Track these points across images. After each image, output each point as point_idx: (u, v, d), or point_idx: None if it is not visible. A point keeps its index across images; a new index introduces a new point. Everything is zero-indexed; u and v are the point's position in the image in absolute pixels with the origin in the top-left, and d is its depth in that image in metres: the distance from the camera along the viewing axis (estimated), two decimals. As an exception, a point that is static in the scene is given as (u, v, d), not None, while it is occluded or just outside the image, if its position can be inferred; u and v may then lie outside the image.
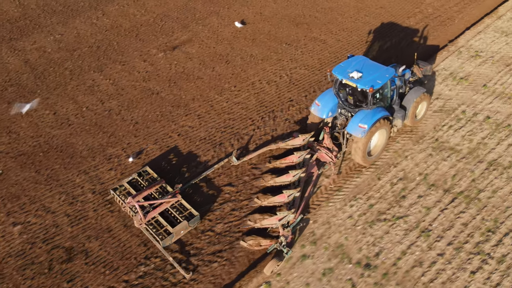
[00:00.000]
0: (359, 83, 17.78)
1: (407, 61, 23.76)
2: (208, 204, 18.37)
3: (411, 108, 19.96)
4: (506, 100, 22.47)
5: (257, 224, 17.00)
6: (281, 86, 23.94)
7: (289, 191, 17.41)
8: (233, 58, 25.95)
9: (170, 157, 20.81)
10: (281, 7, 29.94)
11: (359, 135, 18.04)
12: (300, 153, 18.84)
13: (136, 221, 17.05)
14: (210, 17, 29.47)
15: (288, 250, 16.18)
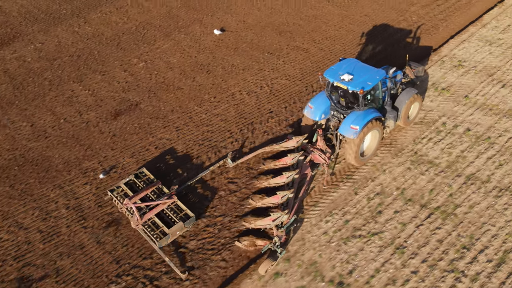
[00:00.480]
0: (350, 85, 18.23)
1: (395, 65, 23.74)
2: (204, 205, 18.95)
3: (403, 109, 20.33)
4: (487, 111, 22.46)
5: (252, 225, 17.46)
6: (261, 97, 23.92)
7: (283, 192, 18.01)
8: (214, 68, 25.91)
9: (166, 158, 21.20)
10: (265, 15, 29.91)
11: (351, 136, 18.51)
12: (293, 155, 19.37)
13: (133, 222, 17.48)
14: (193, 25, 29.44)
15: (282, 250, 16.63)
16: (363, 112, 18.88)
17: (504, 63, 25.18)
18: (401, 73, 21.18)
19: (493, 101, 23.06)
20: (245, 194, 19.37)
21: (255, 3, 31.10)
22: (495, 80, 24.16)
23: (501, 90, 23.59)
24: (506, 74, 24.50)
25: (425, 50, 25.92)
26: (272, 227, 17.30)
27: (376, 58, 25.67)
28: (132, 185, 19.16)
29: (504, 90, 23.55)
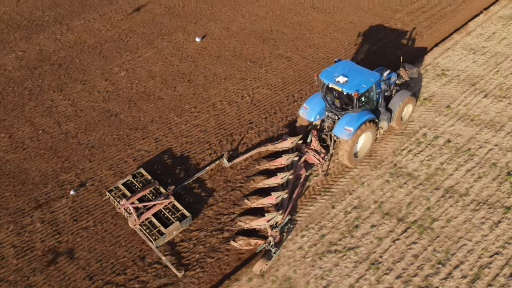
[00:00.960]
0: (344, 87, 18.75)
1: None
2: (200, 204, 19.49)
3: (397, 110, 20.89)
4: (468, 122, 22.52)
5: (247, 225, 18.05)
6: (242, 107, 23.95)
7: (277, 193, 18.53)
8: (195, 77, 25.94)
9: (164, 158, 21.69)
10: (249, 22, 29.93)
11: (345, 138, 19.07)
12: (288, 156, 19.83)
13: (131, 222, 18.10)
14: (176, 32, 29.45)
15: (276, 250, 17.19)
16: (357, 114, 19.37)
17: (487, 72, 25.23)
18: (395, 75, 21.72)
19: (475, 111, 23.10)
20: (241, 194, 20.08)
21: (239, 10, 31.08)
22: (478, 90, 24.20)
23: (483, 100, 23.62)
24: (489, 83, 24.53)
25: (409, 59, 25.94)
26: (266, 227, 17.82)
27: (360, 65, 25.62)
28: (130, 185, 19.71)
29: (486, 100, 23.59)
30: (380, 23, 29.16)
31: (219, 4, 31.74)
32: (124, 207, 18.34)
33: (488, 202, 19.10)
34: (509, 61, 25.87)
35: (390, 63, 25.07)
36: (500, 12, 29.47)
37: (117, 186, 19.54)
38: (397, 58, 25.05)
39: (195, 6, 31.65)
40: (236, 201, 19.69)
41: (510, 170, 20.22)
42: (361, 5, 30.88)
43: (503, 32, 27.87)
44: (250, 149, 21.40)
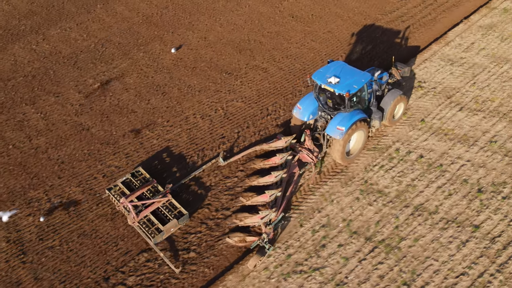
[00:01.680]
0: (336, 88, 19.56)
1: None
2: (197, 202, 20.43)
3: (389, 109, 21.72)
4: (442, 137, 22.61)
5: (241, 222, 18.92)
6: (215, 121, 24.02)
7: (271, 191, 19.33)
8: (170, 89, 25.99)
9: (163, 156, 22.38)
10: (226, 31, 29.96)
11: (337, 137, 19.92)
12: (282, 155, 20.65)
13: (130, 219, 18.92)
14: (153, 42, 29.47)
15: (270, 246, 18.10)
16: (349, 114, 20.15)
17: (464, 84, 25.33)
18: (386, 75, 22.44)
19: (449, 125, 23.21)
20: (236, 192, 21.00)
21: (218, 18, 31.11)
22: (453, 103, 24.30)
23: (458, 113, 23.73)
24: (464, 96, 24.63)
25: (386, 69, 26.04)
26: (260, 224, 18.60)
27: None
28: (129, 183, 20.50)
29: (461, 113, 23.69)
30: (359, 33, 29.21)
31: (197, 12, 31.75)
32: (123, 205, 19.05)
33: (457, 221, 19.22)
34: (486, 72, 25.93)
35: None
36: (480, 21, 29.54)
37: (116, 185, 20.31)
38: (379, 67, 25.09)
39: (173, 15, 31.65)
40: (231, 199, 20.62)
41: (481, 187, 20.30)
42: (341, 14, 30.92)
43: (482, 42, 27.94)
44: (246, 148, 22.23)
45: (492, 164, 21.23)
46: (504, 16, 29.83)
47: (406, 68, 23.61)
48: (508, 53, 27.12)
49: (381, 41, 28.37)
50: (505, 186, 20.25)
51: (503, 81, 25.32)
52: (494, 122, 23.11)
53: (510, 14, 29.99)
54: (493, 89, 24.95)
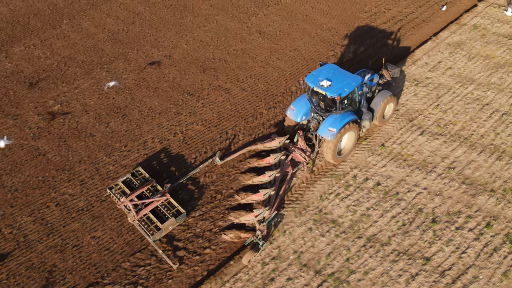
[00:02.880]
0: (328, 91, 20.75)
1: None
2: (194, 201, 21.77)
3: (379, 110, 23.04)
4: (401, 162, 22.78)
5: (236, 220, 20.21)
6: (173, 146, 24.17)
7: (265, 190, 20.59)
8: (130, 112, 26.09)
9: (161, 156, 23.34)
10: (192, 49, 30.06)
11: (329, 138, 21.17)
12: (276, 155, 21.89)
13: (130, 217, 20.23)
14: (117, 60, 29.55)
15: (264, 243, 19.30)
16: (340, 116, 21.39)
17: (427, 106, 25.49)
18: (377, 76, 23.40)
19: (409, 150, 23.37)
20: (232, 191, 22.33)
21: (184, 35, 31.19)
22: (415, 126, 24.47)
23: (419, 137, 23.90)
24: (427, 119, 24.80)
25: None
26: (255, 222, 19.89)
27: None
28: (129, 183, 21.73)
29: (422, 137, 23.86)
30: (325, 51, 29.35)
31: (164, 28, 31.83)
32: (124, 204, 20.20)
33: (409, 253, 19.40)
34: (450, 94, 26.11)
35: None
36: (449, 39, 29.69)
37: (117, 184, 21.44)
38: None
39: (139, 31, 31.72)
40: (227, 198, 21.90)
41: (435, 217, 20.50)
42: (309, 30, 31.04)
43: (449, 61, 28.10)
44: (241, 148, 23.44)
45: (448, 192, 21.41)
46: (473, 33, 29.98)
47: (396, 69, 24.83)
48: (474, 73, 27.27)
49: (348, 59, 28.48)
50: (460, 216, 20.44)
51: (467, 103, 25.48)
52: (454, 147, 23.28)
53: (479, 31, 30.12)
54: (456, 111, 25.09)
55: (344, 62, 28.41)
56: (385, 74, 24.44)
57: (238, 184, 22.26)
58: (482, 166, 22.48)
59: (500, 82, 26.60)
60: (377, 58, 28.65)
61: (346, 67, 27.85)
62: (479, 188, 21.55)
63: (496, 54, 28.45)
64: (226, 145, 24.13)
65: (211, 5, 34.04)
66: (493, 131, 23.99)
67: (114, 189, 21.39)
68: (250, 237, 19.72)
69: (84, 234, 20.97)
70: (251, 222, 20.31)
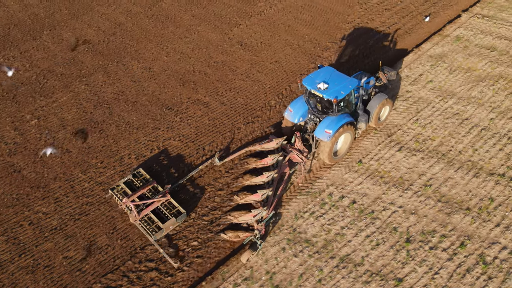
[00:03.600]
0: (325, 93, 21.53)
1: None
2: (194, 201, 22.56)
3: (375, 112, 23.85)
4: (377, 180, 22.88)
5: (235, 220, 21.00)
6: (149, 162, 24.21)
7: (263, 191, 21.43)
8: (107, 127, 26.17)
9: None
10: (172, 61, 30.15)
11: (325, 139, 21.98)
12: (273, 156, 22.73)
13: (131, 218, 21.02)
14: (96, 73, 29.62)
15: (261, 242, 20.13)
16: (337, 117, 22.22)
17: (406, 121, 25.61)
18: (373, 79, 24.27)
19: (386, 167, 23.48)
20: (231, 191, 23.11)
21: (165, 46, 31.28)
22: (393, 142, 24.59)
23: (397, 153, 24.02)
24: (406, 134, 24.91)
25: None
26: (253, 221, 20.61)
27: (274, 119, 26.27)
28: (130, 183, 22.48)
29: (400, 153, 23.98)
30: (306, 63, 29.46)
31: (145, 39, 31.91)
32: (126, 205, 20.89)
33: (381, 273, 19.53)
34: (430, 108, 26.22)
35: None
36: (431, 51, 29.81)
37: (118, 185, 22.23)
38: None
39: (120, 42, 31.79)
40: (226, 198, 22.67)
41: (409, 236, 20.62)
42: (291, 41, 31.14)
43: (430, 74, 28.22)
44: (239, 149, 24.33)
45: (424, 210, 21.54)
46: (455, 45, 30.10)
47: (393, 72, 25.49)
48: (455, 86, 27.39)
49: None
50: (434, 235, 20.56)
51: (446, 117, 25.60)
52: (432, 163, 23.40)
53: (462, 42, 30.25)
54: (435, 126, 25.21)
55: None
56: (382, 77, 25.29)
57: (237, 184, 22.96)
58: (458, 183, 22.56)
59: (480, 96, 26.68)
60: (359, 69, 28.70)
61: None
62: (455, 206, 21.65)
63: (477, 67, 28.56)
64: (202, 161, 24.21)
65: (193, 16, 34.07)
66: (472, 147, 24.05)
67: (115, 190, 22.13)
68: (249, 236, 20.37)
69: (57, 254, 21.01)
70: (249, 221, 20.99)
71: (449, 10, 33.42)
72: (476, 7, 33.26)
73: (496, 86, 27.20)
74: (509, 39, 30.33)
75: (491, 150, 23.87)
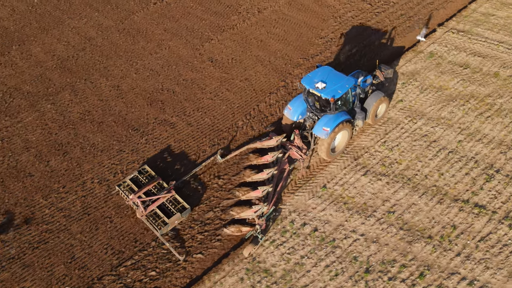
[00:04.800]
0: (322, 93, 22.97)
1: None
2: (197, 197, 24.04)
3: (371, 110, 25.26)
4: (341, 206, 23.15)
5: (237, 215, 22.40)
6: (112, 187, 24.43)
7: (263, 187, 22.79)
8: (72, 149, 26.38)
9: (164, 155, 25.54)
10: (141, 79, 30.32)
11: (323, 137, 23.42)
12: (273, 153, 24.18)
13: (138, 213, 22.45)
14: (64, 91, 29.80)
15: (262, 236, 21.57)
16: (335, 116, 23.62)
17: (374, 143, 25.88)
18: (370, 78, 25.68)
19: (350, 192, 23.74)
20: (232, 187, 24.61)
21: (134, 63, 31.44)
22: (359, 165, 24.84)
23: (362, 178, 24.26)
24: (372, 157, 25.15)
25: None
26: (254, 217, 21.98)
27: (247, 135, 26.72)
28: (136, 180, 23.94)
29: (365, 178, 24.22)
30: (276, 81, 29.68)
31: (115, 55, 32.07)
32: (133, 201, 22.34)
33: (338, 306, 19.71)
34: (399, 129, 26.47)
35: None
36: (404, 68, 30.03)
37: (125, 181, 23.69)
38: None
39: (89, 58, 31.96)
40: (228, 194, 24.11)
41: (369, 266, 20.89)
42: (262, 57, 31.33)
43: (401, 93, 28.44)
44: (240, 146, 25.74)
45: (385, 238, 21.81)
46: (428, 62, 30.31)
47: (390, 70, 26.74)
48: (425, 106, 27.63)
49: (298, 93, 28.74)
50: (394, 265, 20.84)
51: (414, 139, 25.85)
52: (397, 188, 23.67)
53: (435, 59, 30.47)
54: (403, 149, 25.46)
55: (294, 95, 28.68)
56: (379, 75, 26.54)
57: (238, 181, 24.37)
58: (422, 210, 22.83)
59: (450, 117, 26.92)
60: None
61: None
62: (417, 234, 21.93)
63: (449, 85, 28.80)
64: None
65: (165, 30, 34.23)
66: (438, 171, 24.31)
67: (122, 186, 23.55)
68: (250, 231, 21.72)
69: (13, 284, 21.27)
70: (250, 217, 22.26)
71: (422, 23, 33.51)
72: (452, 21, 33.41)
73: (467, 106, 27.40)
74: (482, 56, 30.50)
75: (457, 175, 24.08)
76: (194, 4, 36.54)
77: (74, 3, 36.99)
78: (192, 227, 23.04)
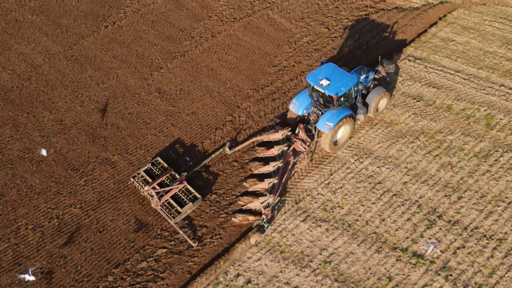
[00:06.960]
0: (326, 89, 25.35)
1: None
2: (208, 187, 26.66)
3: (373, 105, 27.73)
4: (277, 255, 23.60)
5: (245, 206, 24.97)
6: (46, 234, 24.85)
7: (269, 179, 25.40)
8: (8, 191, 26.68)
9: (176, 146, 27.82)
10: (85, 112, 30.61)
11: (326, 131, 25.79)
12: (279, 147, 26.71)
13: (153, 203, 24.97)
14: (5, 126, 30.05)
15: (268, 225, 24.07)
16: (337, 111, 26.04)
17: (317, 185, 26.47)
18: (372, 74, 28.09)
19: (288, 240, 24.19)
20: (240, 178, 27.23)
21: (80, 94, 31.69)
22: (300, 210, 25.38)
23: (301, 224, 24.75)
24: (314, 201, 25.62)
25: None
26: (260, 207, 24.38)
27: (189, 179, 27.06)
28: (149, 171, 26.53)
29: (304, 224, 24.68)
30: (223, 115, 30.03)
31: (60, 85, 32.31)
32: (147, 192, 24.69)
33: None
34: (344, 169, 26.91)
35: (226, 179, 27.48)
36: (355, 100, 30.19)
37: (139, 173, 26.22)
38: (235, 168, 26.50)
39: (34, 89, 32.19)
40: (236, 184, 26.86)
41: (299, 322, 21.23)
42: (211, 88, 31.66)
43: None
44: (247, 139, 28.40)
45: (318, 292, 22.18)
46: (381, 93, 30.51)
47: (391, 65, 29.24)
48: (373, 144, 28.03)
49: (244, 129, 29.12)
50: (324, 322, 21.22)
51: (359, 181, 26.24)
52: (336, 236, 24.11)
53: (397, 91, 30.71)
54: (346, 191, 25.87)
55: (243, 131, 29.12)
56: (381, 70, 28.94)
57: (246, 173, 26.89)
58: (359, 259, 23.28)
59: (397, 155, 27.31)
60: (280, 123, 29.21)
61: (243, 136, 28.63)
62: (351, 286, 22.31)
63: (400, 120, 29.16)
64: (97, 239, 25.13)
65: (114, 57, 34.45)
66: (379, 216, 24.76)
67: (136, 178, 25.90)
68: (257, 220, 24.10)
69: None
70: (257, 207, 24.66)
71: (381, 49, 33.80)
72: (409, 47, 33.67)
73: (416, 143, 27.79)
74: (437, 87, 30.85)
75: (399, 220, 24.52)
76: (147, 27, 36.67)
77: (23, 26, 37.03)
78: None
